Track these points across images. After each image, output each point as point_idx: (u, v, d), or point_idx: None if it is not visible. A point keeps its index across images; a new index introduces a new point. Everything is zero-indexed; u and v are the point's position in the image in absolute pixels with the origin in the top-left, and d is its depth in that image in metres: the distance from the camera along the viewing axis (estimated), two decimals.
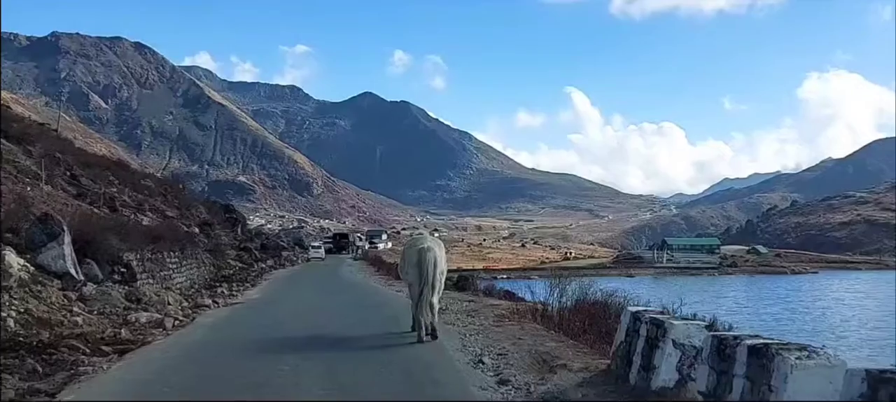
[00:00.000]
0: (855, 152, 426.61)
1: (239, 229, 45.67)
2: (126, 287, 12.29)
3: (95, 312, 10.45)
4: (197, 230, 33.12)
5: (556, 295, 10.20)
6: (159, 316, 10.87)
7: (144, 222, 26.44)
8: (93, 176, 30.71)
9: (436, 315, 9.62)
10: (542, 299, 12.06)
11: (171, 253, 17.23)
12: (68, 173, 28.80)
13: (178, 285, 16.46)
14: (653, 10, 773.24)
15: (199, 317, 12.33)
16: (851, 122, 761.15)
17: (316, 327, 11.38)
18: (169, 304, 12.34)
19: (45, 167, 21.91)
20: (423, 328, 9.64)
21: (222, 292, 17.14)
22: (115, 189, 31.52)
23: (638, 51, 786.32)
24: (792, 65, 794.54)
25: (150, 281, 14.14)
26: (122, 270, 12.96)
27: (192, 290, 17.32)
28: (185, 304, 13.33)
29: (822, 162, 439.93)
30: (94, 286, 11.46)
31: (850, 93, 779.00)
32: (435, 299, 9.79)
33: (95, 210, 22.04)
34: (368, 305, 16.00)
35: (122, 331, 9.05)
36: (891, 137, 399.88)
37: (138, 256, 13.64)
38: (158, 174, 54.95)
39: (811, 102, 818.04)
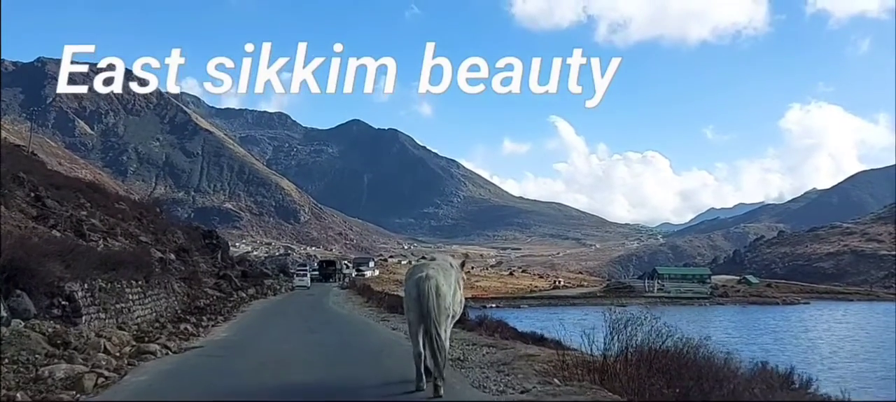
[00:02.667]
0: (839, 183, 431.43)
1: (219, 256, 43.23)
2: (58, 326, 9.84)
3: (6, 361, 8.08)
4: (172, 256, 30.78)
5: (619, 340, 7.56)
6: (84, 368, 8.34)
7: (116, 247, 24.20)
8: (60, 198, 28.41)
9: (444, 362, 7.40)
10: (581, 341, 9.43)
11: (133, 282, 14.88)
12: (32, 194, 26.59)
13: (138, 320, 14.03)
14: (637, 40, 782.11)
15: (132, 372, 9.36)
16: (834, 152, 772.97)
17: (290, 389, 8.79)
18: (105, 350, 9.82)
19: None
20: (422, 378, 7.78)
21: (186, 329, 14.52)
22: (84, 212, 29.24)
23: (622, 80, 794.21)
24: (774, 96, 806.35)
25: (101, 316, 11.67)
26: (64, 303, 10.64)
27: (156, 325, 14.99)
28: (128, 349, 10.69)
29: (806, 193, 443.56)
30: (17, 325, 9.13)
31: (832, 124, 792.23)
32: (443, 339, 7.72)
33: (55, 234, 19.78)
34: (362, 350, 13.29)
35: (18, 395, 6.65)
36: (874, 169, 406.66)
37: (87, 286, 11.25)
38: (136, 198, 52.50)
39: (793, 132, 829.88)
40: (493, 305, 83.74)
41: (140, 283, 15.73)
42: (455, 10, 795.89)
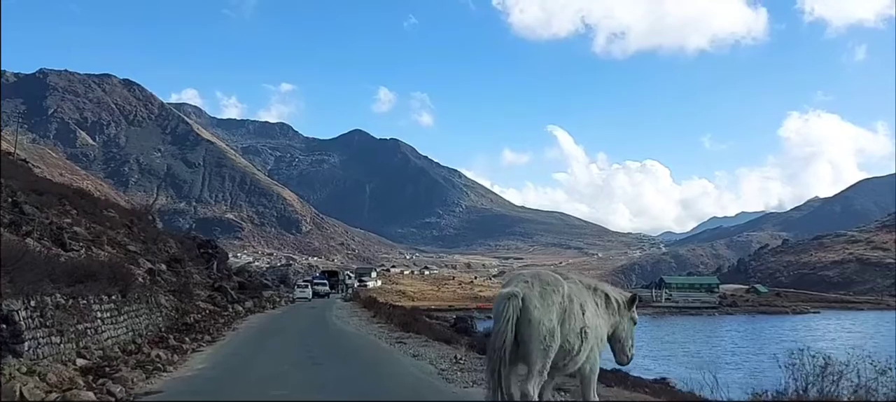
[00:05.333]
0: (842, 191, 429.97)
1: (215, 266, 41.36)
2: None
3: None
4: (163, 267, 28.98)
5: (795, 385, 5.09)
6: None
7: (103, 257, 22.46)
8: (41, 204, 26.72)
9: None
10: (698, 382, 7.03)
11: (105, 297, 13.04)
12: (10, 200, 24.89)
13: (108, 342, 12.02)
14: (635, 50, 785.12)
15: None
16: (833, 160, 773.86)
17: None
18: (20, 398, 7.28)
19: None
20: None
21: (158, 356, 12.17)
22: (68, 220, 27.51)
23: (620, 90, 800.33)
24: (772, 105, 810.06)
25: (54, 340, 9.42)
26: (1, 326, 8.62)
27: (131, 347, 13.10)
28: (54, 396, 7.81)
29: (809, 201, 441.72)
30: None
31: (831, 132, 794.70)
32: (531, 388, 5.66)
33: (30, 242, 18.02)
34: (382, 396, 9.99)
35: None
36: (876, 177, 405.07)
37: (35, 303, 9.18)
38: (128, 207, 50.67)
39: (792, 141, 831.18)
40: None
41: (114, 298, 13.88)
42: (453, 20, 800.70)
